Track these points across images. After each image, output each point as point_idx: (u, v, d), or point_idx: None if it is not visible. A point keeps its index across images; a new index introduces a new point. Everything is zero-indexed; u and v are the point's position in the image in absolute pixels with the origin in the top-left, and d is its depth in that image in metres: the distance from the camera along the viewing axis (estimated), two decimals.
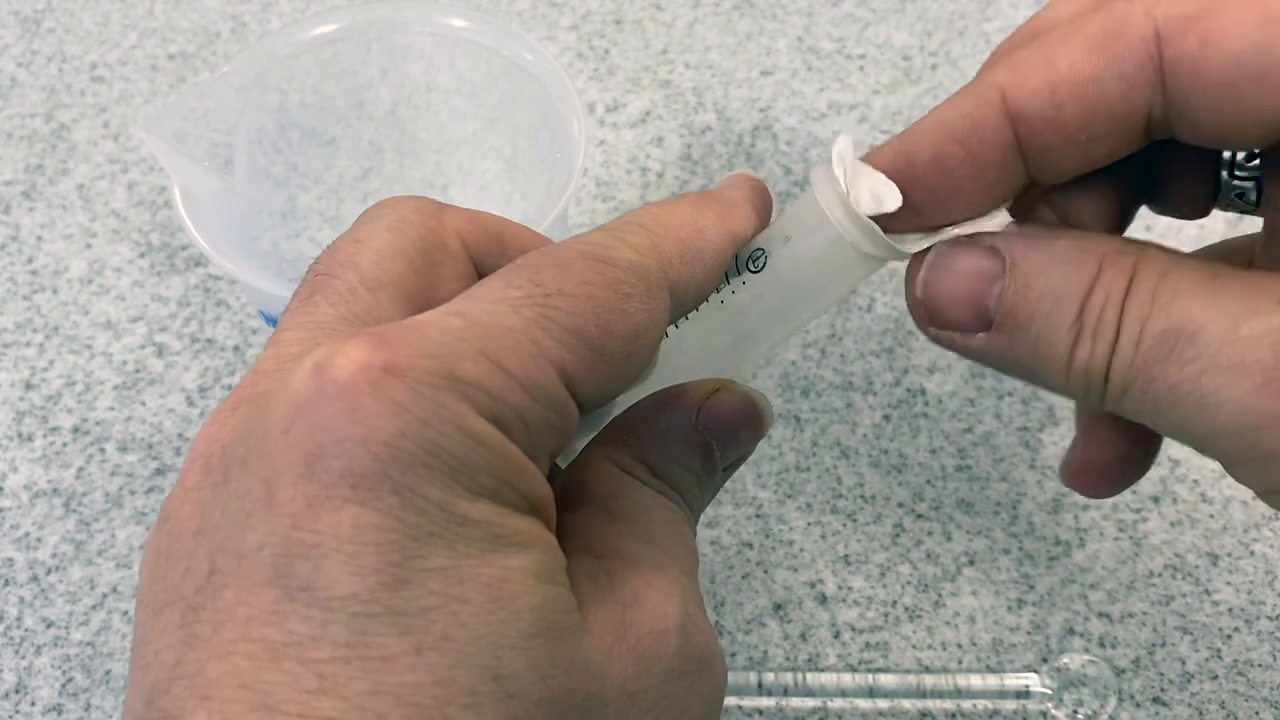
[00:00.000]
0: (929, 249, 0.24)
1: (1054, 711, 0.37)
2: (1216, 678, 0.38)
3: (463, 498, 0.18)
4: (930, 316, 0.24)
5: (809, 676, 0.37)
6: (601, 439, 0.25)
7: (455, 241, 0.24)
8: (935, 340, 0.25)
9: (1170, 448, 0.43)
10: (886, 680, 0.37)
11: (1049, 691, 0.37)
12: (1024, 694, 0.37)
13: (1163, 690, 0.38)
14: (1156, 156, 0.25)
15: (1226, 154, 0.25)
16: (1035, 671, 0.38)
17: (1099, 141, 0.23)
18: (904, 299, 0.25)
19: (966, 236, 0.24)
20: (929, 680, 0.37)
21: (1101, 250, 0.23)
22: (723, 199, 0.26)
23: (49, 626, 0.40)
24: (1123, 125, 0.22)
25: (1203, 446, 0.23)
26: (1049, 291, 0.23)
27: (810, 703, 0.38)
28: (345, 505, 0.17)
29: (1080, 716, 0.37)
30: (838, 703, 0.38)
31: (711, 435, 0.25)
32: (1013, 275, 0.23)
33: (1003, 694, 0.37)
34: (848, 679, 0.37)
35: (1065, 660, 0.38)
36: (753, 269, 0.26)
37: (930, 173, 0.24)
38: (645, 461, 0.24)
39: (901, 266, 0.25)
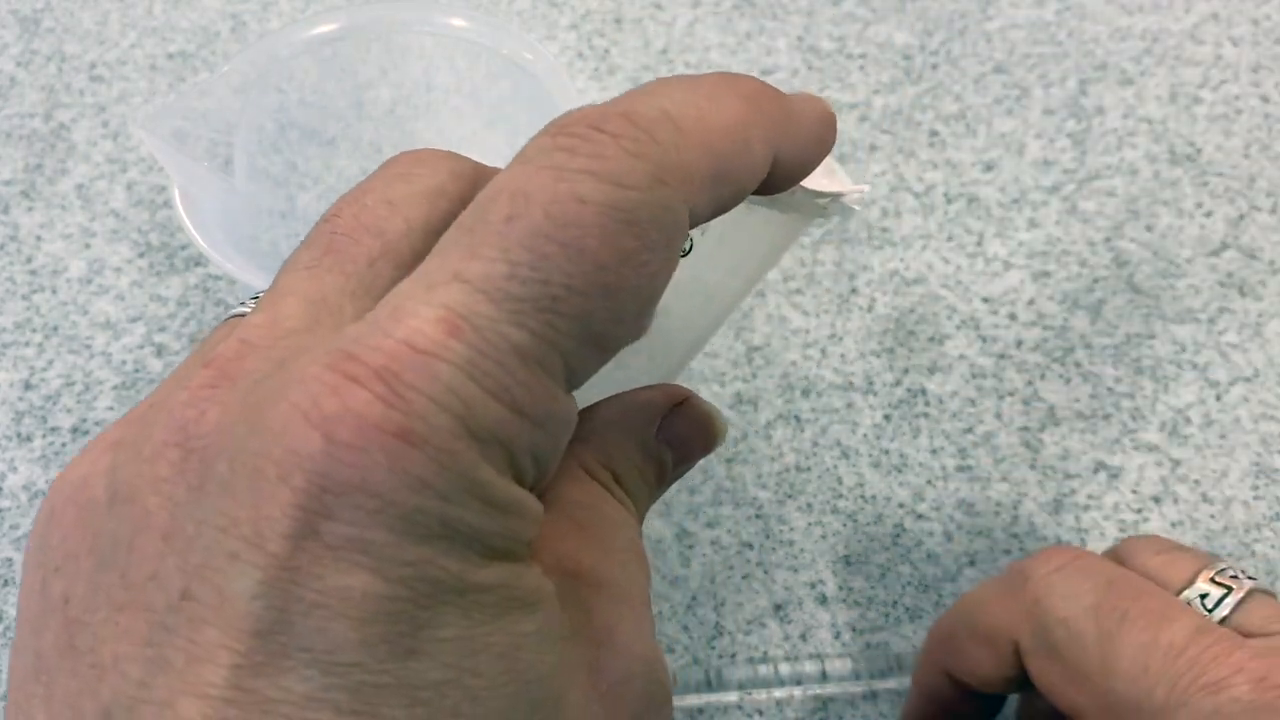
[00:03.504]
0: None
1: None
2: None
3: (479, 566, 0.17)
4: None
5: (782, 667, 0.37)
6: None
7: None
8: None
9: (1172, 447, 0.43)
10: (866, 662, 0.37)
11: None
12: None
13: None
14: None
15: None
16: None
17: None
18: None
19: None
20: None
21: None
22: (784, 104, 0.21)
23: None
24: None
25: None
26: None
27: (811, 700, 0.38)
28: (355, 570, 0.16)
29: None
30: (838, 698, 0.38)
31: (669, 447, 0.24)
32: None
33: None
34: (841, 664, 0.37)
35: None
36: (682, 254, 0.25)
37: None
38: (609, 466, 0.23)
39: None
